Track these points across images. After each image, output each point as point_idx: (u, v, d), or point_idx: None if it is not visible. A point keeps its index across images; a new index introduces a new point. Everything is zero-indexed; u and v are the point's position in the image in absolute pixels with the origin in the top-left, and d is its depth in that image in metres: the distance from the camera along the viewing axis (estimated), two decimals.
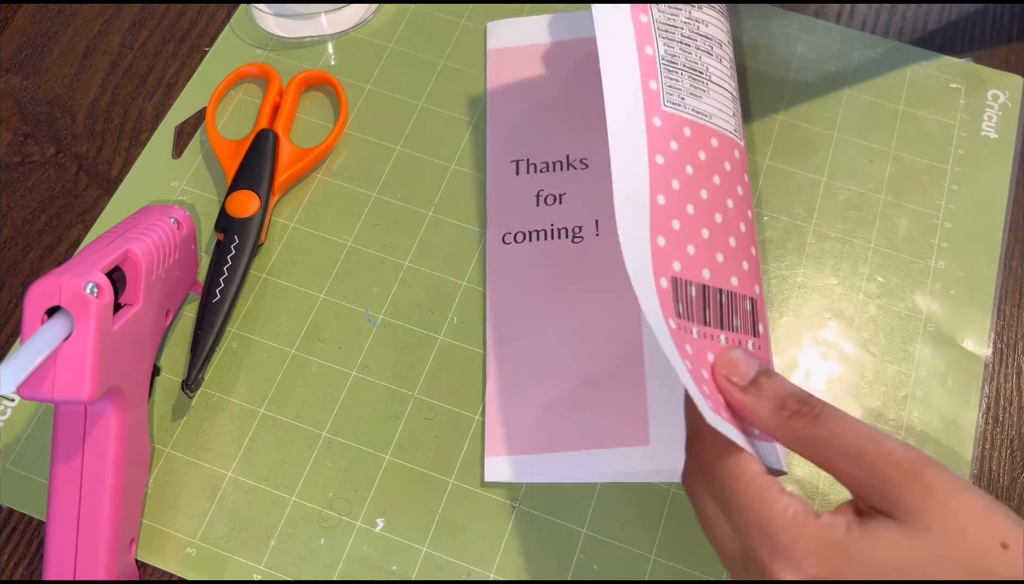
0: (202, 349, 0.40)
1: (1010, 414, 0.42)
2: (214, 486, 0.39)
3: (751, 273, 0.37)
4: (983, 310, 0.44)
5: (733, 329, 0.35)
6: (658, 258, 0.34)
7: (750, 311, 0.36)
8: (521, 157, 0.46)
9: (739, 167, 0.39)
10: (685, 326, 0.34)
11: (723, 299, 0.35)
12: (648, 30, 0.39)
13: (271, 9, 0.51)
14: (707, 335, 0.34)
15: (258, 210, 0.44)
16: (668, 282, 0.34)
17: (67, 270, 0.32)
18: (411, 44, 0.51)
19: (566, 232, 0.44)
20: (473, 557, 0.38)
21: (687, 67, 0.39)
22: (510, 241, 0.44)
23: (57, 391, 0.31)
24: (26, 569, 0.39)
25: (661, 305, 0.33)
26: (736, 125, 0.40)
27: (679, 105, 0.38)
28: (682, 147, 0.37)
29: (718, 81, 0.40)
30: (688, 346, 0.33)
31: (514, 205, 0.45)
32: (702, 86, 0.39)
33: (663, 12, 0.39)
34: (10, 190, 0.47)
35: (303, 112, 0.49)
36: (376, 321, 0.43)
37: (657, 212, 0.35)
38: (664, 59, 0.38)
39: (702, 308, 0.34)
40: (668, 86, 0.38)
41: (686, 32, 0.40)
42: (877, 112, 0.49)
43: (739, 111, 0.41)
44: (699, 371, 0.33)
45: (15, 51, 0.51)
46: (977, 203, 0.47)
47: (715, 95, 0.39)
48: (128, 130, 0.49)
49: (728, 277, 0.36)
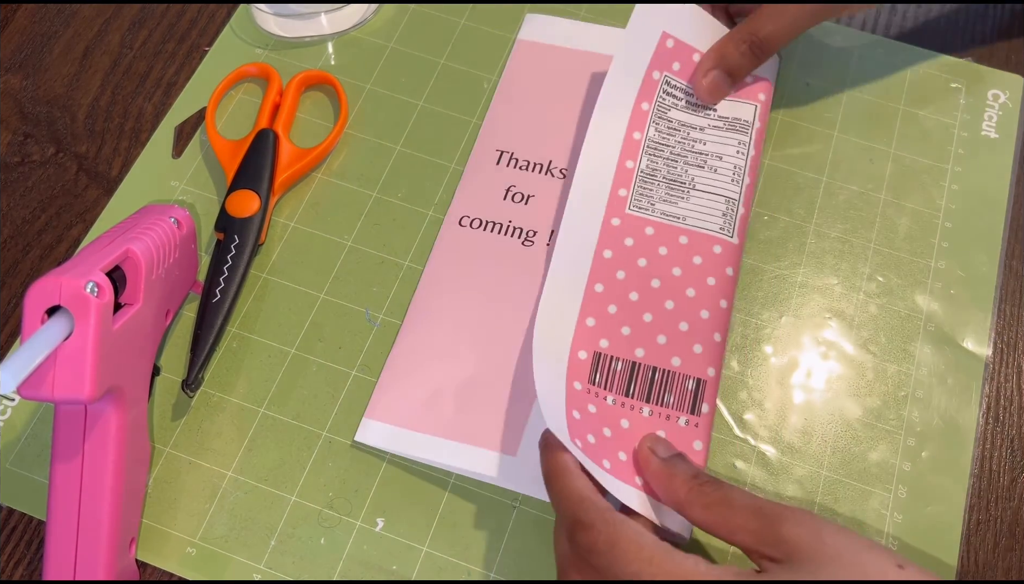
0: (202, 349, 0.40)
1: (1010, 414, 0.42)
2: (214, 486, 0.39)
3: (705, 356, 0.40)
4: (983, 310, 0.44)
5: (662, 404, 0.39)
6: (582, 334, 0.40)
7: (692, 390, 0.40)
8: (507, 149, 0.47)
9: (715, 260, 0.42)
10: (596, 392, 0.39)
11: (655, 376, 0.40)
12: (636, 146, 0.44)
13: (271, 9, 0.51)
14: (626, 405, 0.39)
15: (258, 210, 0.44)
16: (588, 354, 0.40)
17: (67, 270, 0.32)
18: (411, 44, 0.51)
19: (521, 232, 0.44)
20: (473, 557, 0.38)
21: (667, 179, 0.43)
22: (466, 224, 0.45)
23: (57, 391, 0.31)
24: (26, 569, 0.39)
25: (568, 370, 0.39)
26: (724, 223, 0.43)
27: (647, 210, 0.43)
28: (638, 244, 0.42)
29: (704, 189, 0.43)
30: (591, 406, 0.38)
31: (483, 193, 0.46)
32: (680, 194, 0.43)
33: (660, 132, 0.44)
34: (10, 190, 0.47)
35: (303, 112, 0.49)
36: (376, 321, 0.43)
37: (591, 298, 0.41)
38: (643, 172, 0.44)
39: (627, 381, 0.39)
40: (639, 194, 0.43)
41: (677, 150, 0.44)
42: (877, 112, 0.49)
43: (738, 211, 0.43)
44: (599, 430, 0.37)
45: (15, 51, 0.51)
46: (977, 203, 0.47)
47: (696, 201, 0.43)
48: (128, 130, 0.49)
49: (669, 357, 0.40)
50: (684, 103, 0.45)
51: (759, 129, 0.45)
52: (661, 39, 0.45)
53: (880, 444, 0.41)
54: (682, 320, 0.41)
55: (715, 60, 0.45)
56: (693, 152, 0.44)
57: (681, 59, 0.46)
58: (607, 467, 0.36)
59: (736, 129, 0.45)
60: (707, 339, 0.40)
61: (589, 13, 0.51)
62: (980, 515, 0.40)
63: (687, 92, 0.45)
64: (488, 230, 0.44)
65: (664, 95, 0.45)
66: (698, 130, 0.45)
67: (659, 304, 0.41)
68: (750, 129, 0.45)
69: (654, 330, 0.40)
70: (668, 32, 0.45)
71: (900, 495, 0.40)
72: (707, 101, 0.45)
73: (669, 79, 0.45)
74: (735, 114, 0.45)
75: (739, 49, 0.44)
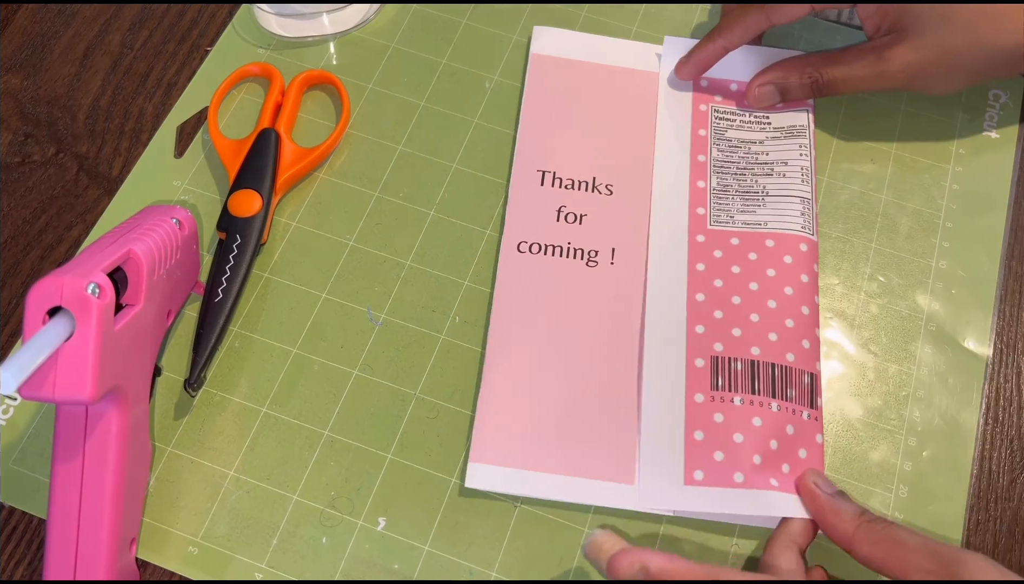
0: (204, 348, 0.40)
1: (1010, 414, 0.42)
2: (216, 485, 0.39)
3: (812, 351, 0.41)
4: (984, 310, 0.44)
5: (787, 399, 0.40)
6: (693, 342, 0.41)
7: (809, 384, 0.40)
8: (548, 169, 0.46)
9: (804, 259, 0.43)
10: (721, 396, 0.40)
11: (775, 372, 0.40)
12: (704, 167, 0.46)
13: (273, 9, 0.51)
14: (755, 402, 0.39)
15: (260, 209, 0.44)
16: (705, 361, 0.40)
17: (68, 270, 0.32)
18: (413, 44, 0.51)
19: (582, 254, 0.44)
20: (475, 556, 0.38)
21: (739, 192, 0.45)
22: (524, 250, 0.44)
23: (58, 391, 0.31)
24: (26, 569, 0.39)
25: (687, 382, 0.40)
26: (804, 222, 0.44)
27: (727, 222, 0.44)
28: (727, 254, 0.43)
29: (777, 193, 0.45)
30: (717, 415, 0.39)
31: (534, 215, 0.45)
32: (756, 202, 0.45)
33: (721, 152, 0.46)
34: (10, 190, 0.47)
35: (305, 111, 0.49)
36: (378, 320, 0.43)
37: (694, 306, 0.42)
38: (715, 189, 0.45)
39: (750, 379, 0.40)
40: (716, 210, 0.45)
41: (743, 165, 0.46)
42: (878, 112, 0.49)
43: (813, 208, 0.45)
44: (729, 439, 0.38)
45: (15, 51, 0.51)
46: (978, 203, 0.47)
47: (772, 206, 0.44)
48: (128, 130, 0.49)
49: (783, 354, 0.41)
50: (738, 123, 0.47)
51: (813, 130, 0.47)
52: (695, 81, 0.48)
53: (881, 444, 0.41)
54: (787, 317, 0.41)
55: (775, 78, 0.46)
56: (759, 163, 0.46)
57: (721, 92, 0.48)
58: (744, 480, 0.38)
59: (794, 134, 0.46)
60: (811, 335, 0.41)
61: (591, 12, 0.51)
62: (980, 515, 0.40)
63: (738, 113, 0.47)
64: (548, 254, 0.44)
65: (717, 121, 0.47)
66: (758, 144, 0.46)
67: (762, 304, 0.42)
68: (807, 132, 0.47)
69: (764, 329, 0.41)
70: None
71: (901, 494, 0.40)
72: (752, 106, 0.47)
73: (716, 108, 0.47)
74: (791, 122, 0.47)
75: (801, 80, 0.46)
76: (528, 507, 0.39)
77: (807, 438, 0.39)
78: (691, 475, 0.38)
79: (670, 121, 0.47)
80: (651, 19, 0.52)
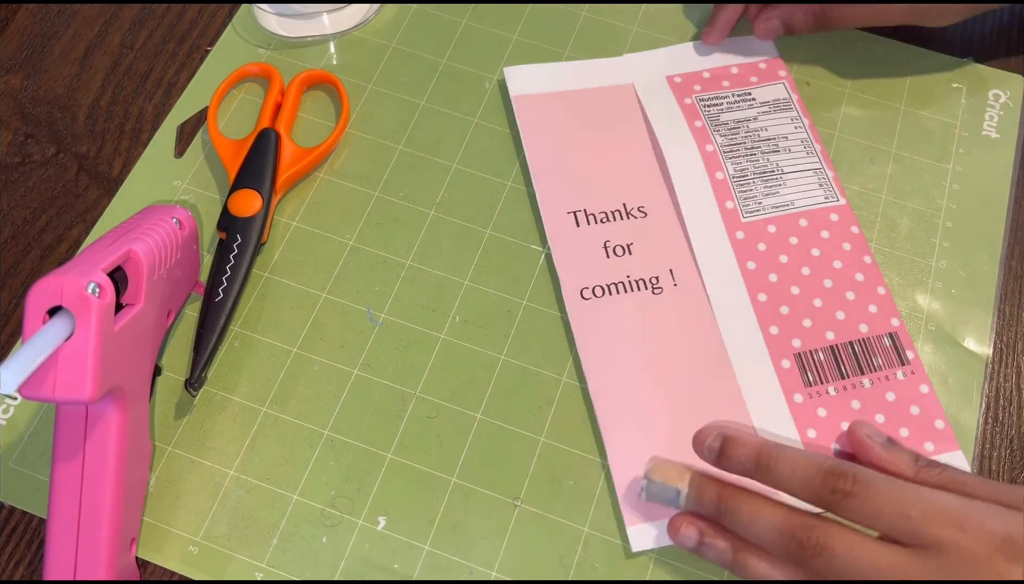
0: (205, 348, 0.40)
1: (1010, 414, 0.42)
2: (216, 484, 0.39)
3: (882, 310, 0.43)
4: (984, 309, 0.44)
5: (875, 369, 0.41)
6: (773, 346, 0.42)
7: (891, 344, 0.42)
8: (578, 208, 0.45)
9: (839, 227, 0.44)
10: (817, 391, 0.41)
11: (855, 348, 0.41)
12: (715, 157, 0.46)
13: (273, 9, 0.51)
14: (847, 386, 0.41)
15: (260, 209, 0.44)
16: (791, 361, 0.41)
17: (69, 270, 0.32)
18: (413, 44, 0.51)
19: (643, 284, 0.43)
20: (475, 556, 0.38)
21: (757, 174, 0.45)
22: (589, 296, 0.43)
23: (58, 391, 0.31)
24: (26, 569, 0.39)
25: (782, 387, 0.41)
26: (826, 192, 0.45)
27: (757, 211, 0.45)
28: (770, 245, 0.44)
29: (792, 169, 0.46)
30: (820, 410, 0.40)
31: (583, 257, 0.44)
32: (776, 182, 0.45)
33: (724, 137, 0.46)
34: (10, 190, 0.47)
35: (305, 111, 0.49)
36: (378, 320, 0.43)
37: (761, 308, 0.42)
38: (735, 178, 0.45)
39: (835, 365, 0.41)
40: (743, 199, 0.45)
41: (749, 145, 0.47)
42: (878, 112, 0.49)
43: (827, 175, 0.45)
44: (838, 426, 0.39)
45: (15, 51, 0.51)
46: (978, 202, 0.47)
47: (792, 183, 0.45)
48: (128, 130, 0.49)
49: (856, 326, 0.42)
50: (726, 105, 0.47)
51: (798, 99, 0.48)
52: (669, 80, 0.49)
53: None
54: (846, 291, 0.43)
55: (780, 13, 0.48)
56: (763, 140, 0.46)
57: (697, 82, 0.49)
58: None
59: (780, 108, 0.47)
60: (874, 296, 0.43)
61: (591, 12, 0.51)
62: None
63: (721, 95, 0.48)
64: (613, 293, 0.43)
65: (706, 108, 0.47)
66: (753, 121, 0.47)
67: (819, 286, 0.43)
68: (792, 104, 0.47)
69: (830, 310, 0.42)
70: (669, 75, 0.49)
71: None
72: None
73: (700, 97, 0.48)
74: (772, 96, 0.48)
75: (805, 14, 0.48)
76: (528, 506, 0.39)
77: (911, 394, 0.40)
78: None
79: (666, 123, 0.47)
80: (651, 19, 0.52)
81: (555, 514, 0.39)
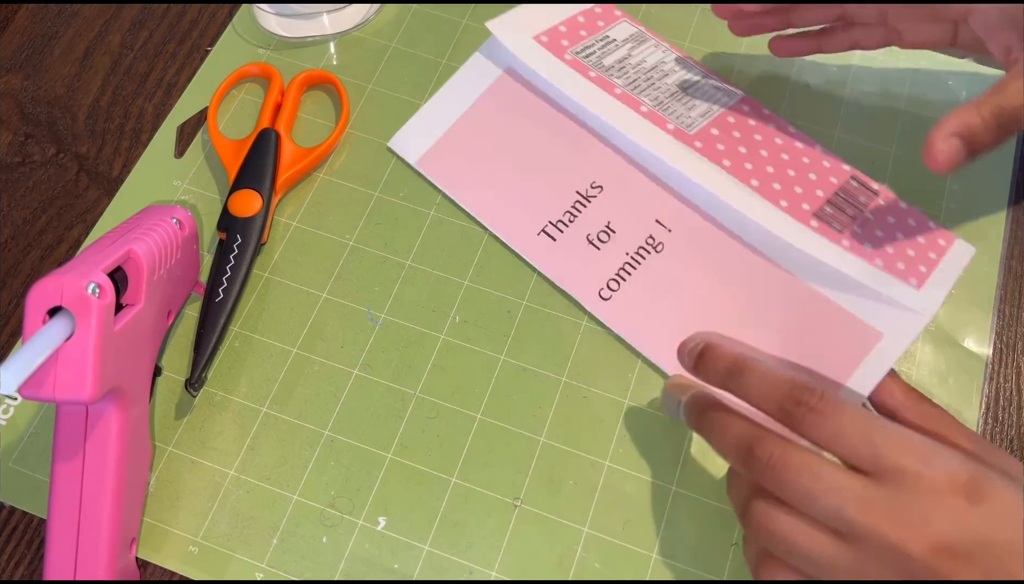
0: (205, 348, 0.40)
1: (1010, 414, 0.42)
2: (216, 484, 0.39)
3: (833, 165, 0.46)
4: (984, 310, 0.44)
5: (863, 205, 0.44)
6: (796, 215, 0.43)
7: (858, 185, 0.45)
8: (542, 225, 0.44)
9: (754, 114, 0.47)
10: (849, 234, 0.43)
11: (842, 195, 0.44)
12: (629, 97, 0.46)
13: (273, 9, 0.51)
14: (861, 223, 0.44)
15: (260, 209, 0.44)
16: (817, 221, 0.43)
17: (69, 270, 0.32)
18: (413, 44, 0.51)
19: (644, 250, 0.44)
20: (475, 556, 0.38)
21: (669, 97, 0.47)
22: (608, 295, 0.43)
23: (58, 391, 0.31)
24: (26, 569, 0.39)
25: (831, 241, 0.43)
26: (726, 93, 0.48)
27: (692, 124, 0.46)
28: (724, 143, 0.45)
29: (690, 87, 0.48)
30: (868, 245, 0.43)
31: (579, 265, 0.43)
32: (690, 93, 0.47)
33: (621, 77, 0.47)
34: (10, 190, 0.47)
35: (305, 112, 0.49)
36: (378, 320, 0.43)
37: (762, 192, 0.44)
38: (656, 106, 0.46)
39: (842, 211, 0.44)
40: (676, 115, 0.46)
41: (644, 78, 0.47)
42: (878, 112, 0.49)
43: (716, 79, 0.49)
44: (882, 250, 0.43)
45: (15, 51, 0.51)
46: (978, 203, 0.47)
47: (700, 94, 0.47)
48: (129, 130, 0.49)
49: (828, 180, 0.45)
50: (597, 51, 0.48)
51: (645, 28, 0.50)
52: (537, 39, 0.48)
53: None
54: (800, 157, 0.46)
55: (957, 128, 0.38)
56: (649, 70, 0.48)
57: (563, 38, 0.48)
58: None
59: (639, 40, 0.49)
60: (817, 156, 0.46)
61: None
62: None
63: (586, 44, 0.48)
64: (626, 278, 0.43)
65: (587, 58, 0.47)
66: (628, 57, 0.48)
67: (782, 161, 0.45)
68: (645, 34, 0.50)
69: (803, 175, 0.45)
70: (535, 35, 0.48)
71: None
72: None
73: (574, 50, 0.48)
74: (625, 34, 0.49)
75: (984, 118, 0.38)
76: (528, 506, 0.39)
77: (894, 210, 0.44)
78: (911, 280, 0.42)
79: (568, 85, 0.46)
80: (651, 19, 0.52)
81: (555, 514, 0.39)
